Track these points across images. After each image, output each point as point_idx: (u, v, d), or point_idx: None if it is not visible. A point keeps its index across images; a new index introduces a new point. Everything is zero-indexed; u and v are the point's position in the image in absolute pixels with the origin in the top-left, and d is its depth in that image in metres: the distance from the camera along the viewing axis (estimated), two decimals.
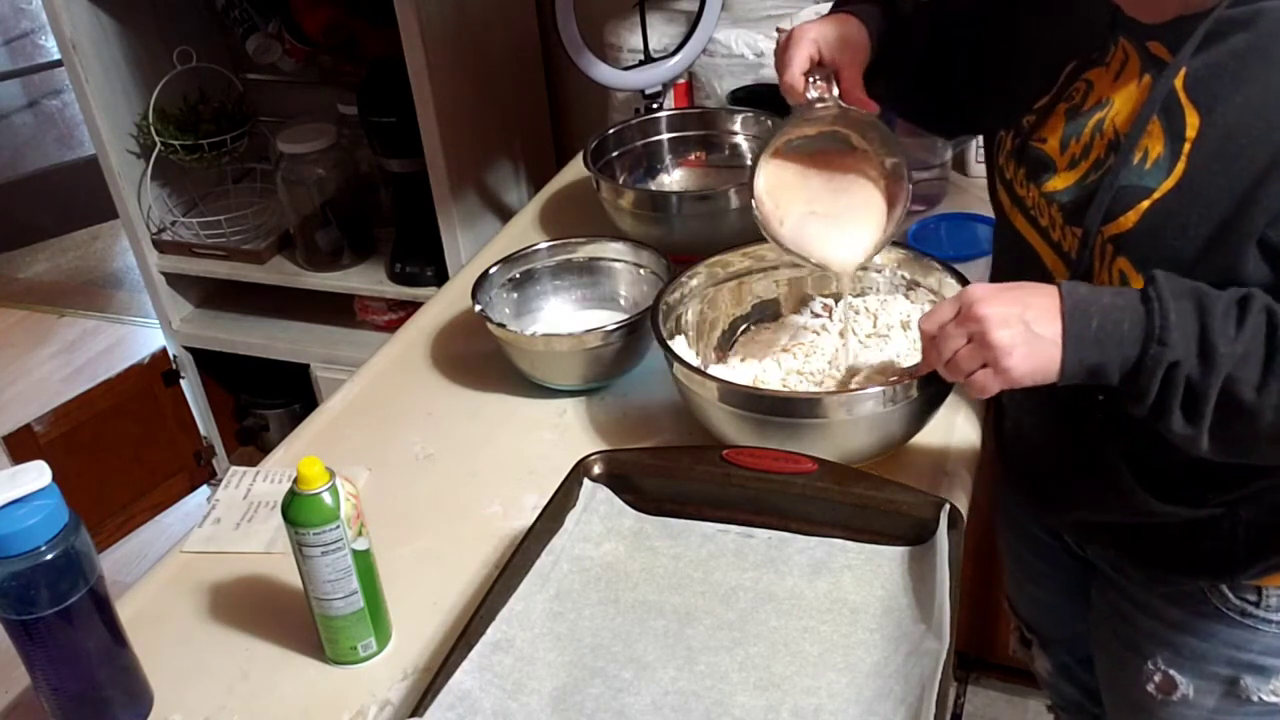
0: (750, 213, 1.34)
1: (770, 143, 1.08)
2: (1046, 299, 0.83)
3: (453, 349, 1.35)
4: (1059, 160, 0.92)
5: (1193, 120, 0.81)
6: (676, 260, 1.26)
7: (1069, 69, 0.93)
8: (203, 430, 2.46)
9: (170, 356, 2.36)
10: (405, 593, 0.98)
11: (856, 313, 1.20)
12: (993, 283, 0.89)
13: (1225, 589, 0.98)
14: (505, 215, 2.05)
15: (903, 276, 1.19)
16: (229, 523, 1.09)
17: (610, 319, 1.23)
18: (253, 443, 2.52)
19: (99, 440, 2.28)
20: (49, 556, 0.79)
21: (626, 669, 0.84)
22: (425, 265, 2.06)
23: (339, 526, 0.86)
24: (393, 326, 2.05)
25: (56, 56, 2.50)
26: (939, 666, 0.78)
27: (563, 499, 0.96)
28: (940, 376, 0.91)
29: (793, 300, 1.24)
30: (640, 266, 1.32)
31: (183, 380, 2.39)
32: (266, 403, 2.48)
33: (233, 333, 2.29)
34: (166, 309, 2.30)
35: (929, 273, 1.16)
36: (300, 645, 0.95)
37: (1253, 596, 0.98)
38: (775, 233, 1.06)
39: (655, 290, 1.21)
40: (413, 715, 0.78)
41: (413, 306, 1.91)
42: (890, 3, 1.10)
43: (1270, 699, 1.02)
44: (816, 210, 1.07)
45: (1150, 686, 1.07)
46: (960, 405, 1.16)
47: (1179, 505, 0.94)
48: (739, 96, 1.69)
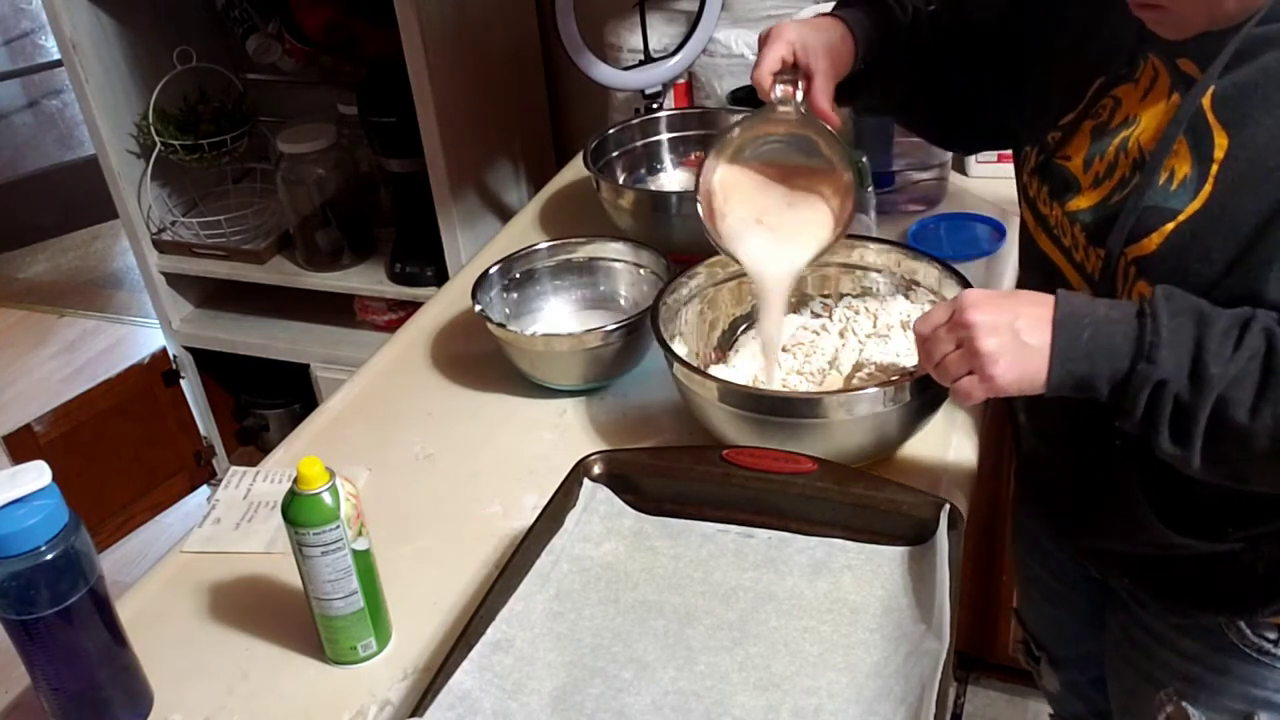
0: None
1: (726, 136, 1.08)
2: (1039, 308, 0.81)
3: (453, 349, 1.35)
4: (1083, 179, 0.89)
5: (1220, 141, 0.79)
6: (676, 260, 1.25)
7: (1097, 85, 0.90)
8: (203, 430, 2.46)
9: (170, 356, 2.36)
10: (405, 593, 0.98)
11: (856, 313, 1.20)
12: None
13: (1243, 625, 0.95)
14: (505, 215, 2.05)
15: (902, 277, 1.19)
16: (229, 523, 1.09)
17: (610, 319, 1.23)
18: (253, 443, 2.52)
19: (99, 440, 2.28)
20: (49, 556, 0.79)
21: (626, 669, 0.84)
22: (425, 265, 2.06)
23: (339, 526, 0.86)
24: (393, 326, 2.05)
25: (56, 56, 2.50)
26: (939, 666, 0.78)
27: (563, 499, 0.96)
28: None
29: (793, 300, 1.24)
30: (640, 266, 1.32)
31: (183, 380, 2.39)
32: (266, 403, 2.48)
33: (233, 333, 2.29)
34: (166, 309, 2.30)
35: (929, 273, 1.16)
36: (300, 645, 0.95)
37: (1271, 635, 0.95)
38: (713, 227, 1.07)
39: (655, 290, 1.21)
40: (413, 715, 0.78)
41: (413, 306, 1.90)
42: (887, 10, 1.08)
43: None
44: (763, 220, 1.07)
45: (1162, 717, 1.04)
46: (961, 405, 1.15)
47: (1198, 538, 0.91)
48: (739, 96, 1.69)
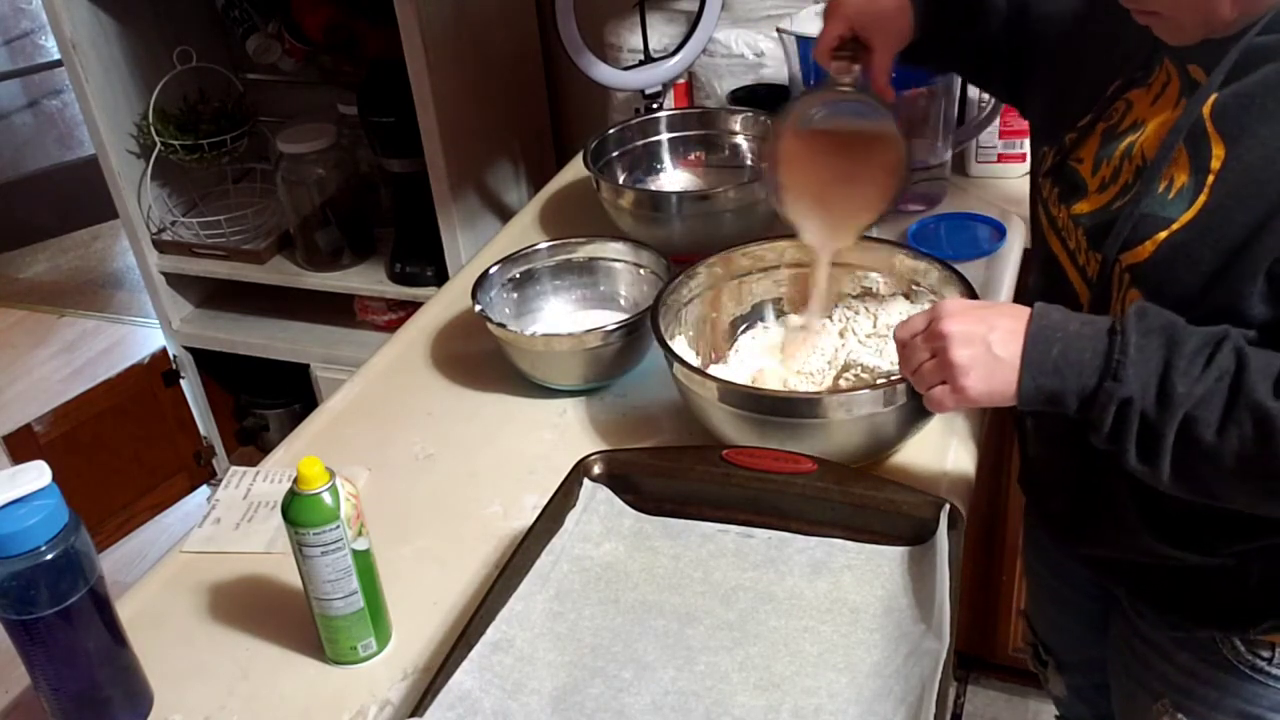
0: (750, 213, 1.36)
1: (788, 106, 1.13)
2: (1013, 321, 0.82)
3: (453, 349, 1.35)
4: (1090, 182, 0.89)
5: (1218, 152, 0.79)
6: (676, 260, 1.26)
7: (1114, 87, 0.90)
8: (203, 430, 2.46)
9: (170, 356, 2.36)
10: (405, 593, 0.98)
11: (856, 313, 1.20)
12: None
13: (1238, 642, 0.95)
14: (505, 215, 2.05)
15: (903, 277, 1.19)
16: (229, 523, 1.09)
17: (610, 319, 1.23)
18: (253, 443, 2.52)
19: (99, 440, 2.28)
20: (49, 556, 0.79)
21: (626, 669, 0.84)
22: (425, 265, 2.06)
23: (339, 526, 0.86)
24: (393, 326, 2.05)
25: (56, 56, 2.50)
26: (939, 666, 0.78)
27: (563, 499, 0.96)
28: None
29: (793, 300, 1.24)
30: (640, 266, 1.32)
31: (183, 380, 2.39)
32: (266, 403, 2.48)
33: (233, 333, 2.29)
34: (166, 309, 2.29)
35: (929, 273, 1.16)
36: (300, 645, 0.95)
37: (1266, 653, 0.95)
38: (781, 199, 1.13)
39: (655, 290, 1.21)
40: (413, 715, 0.78)
41: (413, 306, 1.90)
42: None
43: None
44: (822, 198, 1.11)
45: None
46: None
47: (1187, 551, 0.91)
48: (739, 96, 1.69)
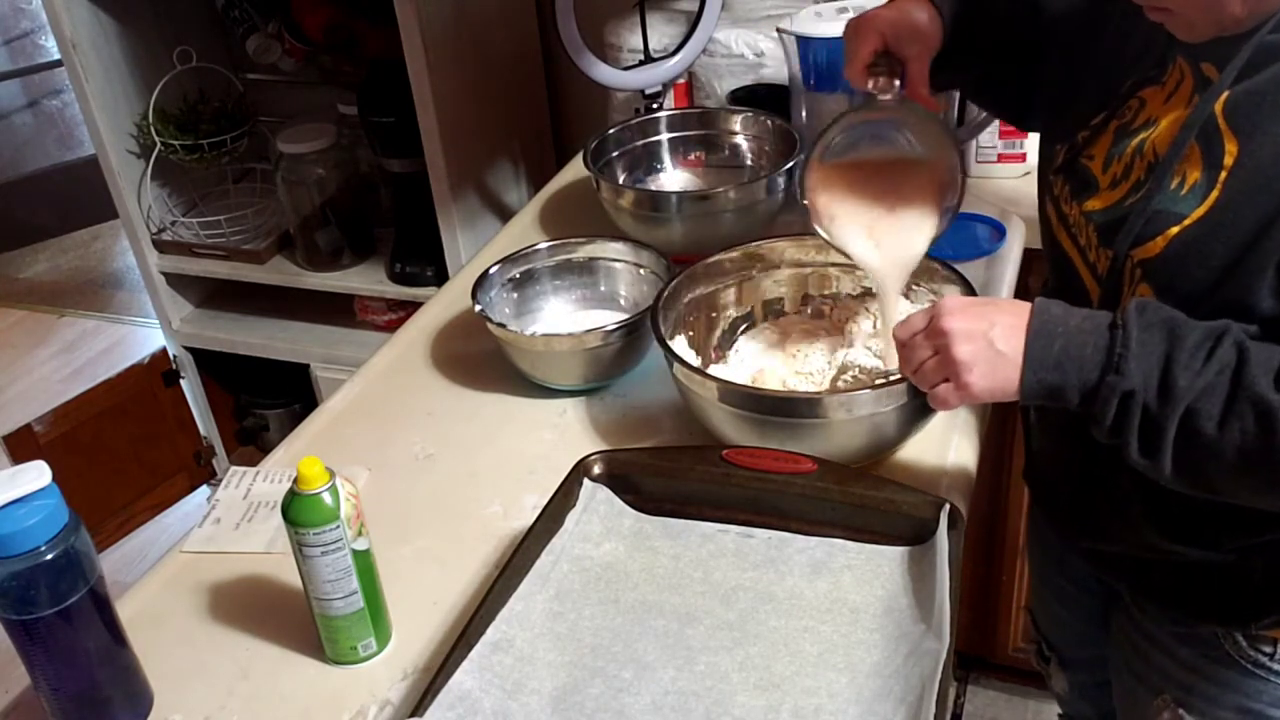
0: (750, 213, 1.36)
1: (827, 131, 1.08)
2: (1014, 316, 0.82)
3: (453, 349, 1.35)
4: (1101, 179, 0.89)
5: (1231, 148, 0.79)
6: (676, 260, 1.26)
7: (1127, 85, 0.90)
8: (203, 430, 2.46)
9: (170, 356, 2.36)
10: (405, 593, 0.98)
11: (856, 313, 1.20)
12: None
13: (1240, 637, 0.95)
14: (505, 215, 2.05)
15: None
16: (229, 523, 1.09)
17: (610, 319, 1.23)
18: (253, 443, 2.52)
19: (99, 440, 2.28)
20: (49, 556, 0.79)
21: (626, 669, 0.84)
22: (425, 265, 2.06)
23: (339, 526, 0.86)
24: (393, 326, 2.05)
25: (56, 56, 2.51)
26: (939, 666, 0.78)
27: (563, 499, 0.96)
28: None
29: (793, 300, 1.24)
30: (640, 266, 1.32)
31: (183, 380, 2.39)
32: (266, 403, 2.48)
33: (233, 333, 2.29)
34: (166, 309, 2.30)
35: (929, 273, 1.16)
36: (300, 645, 0.95)
37: (1267, 648, 0.94)
38: (822, 228, 1.08)
39: (655, 290, 1.21)
40: (413, 715, 0.78)
41: (413, 306, 1.90)
42: None
43: None
44: (873, 230, 1.07)
45: None
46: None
47: (1190, 546, 0.91)
48: (739, 96, 1.69)
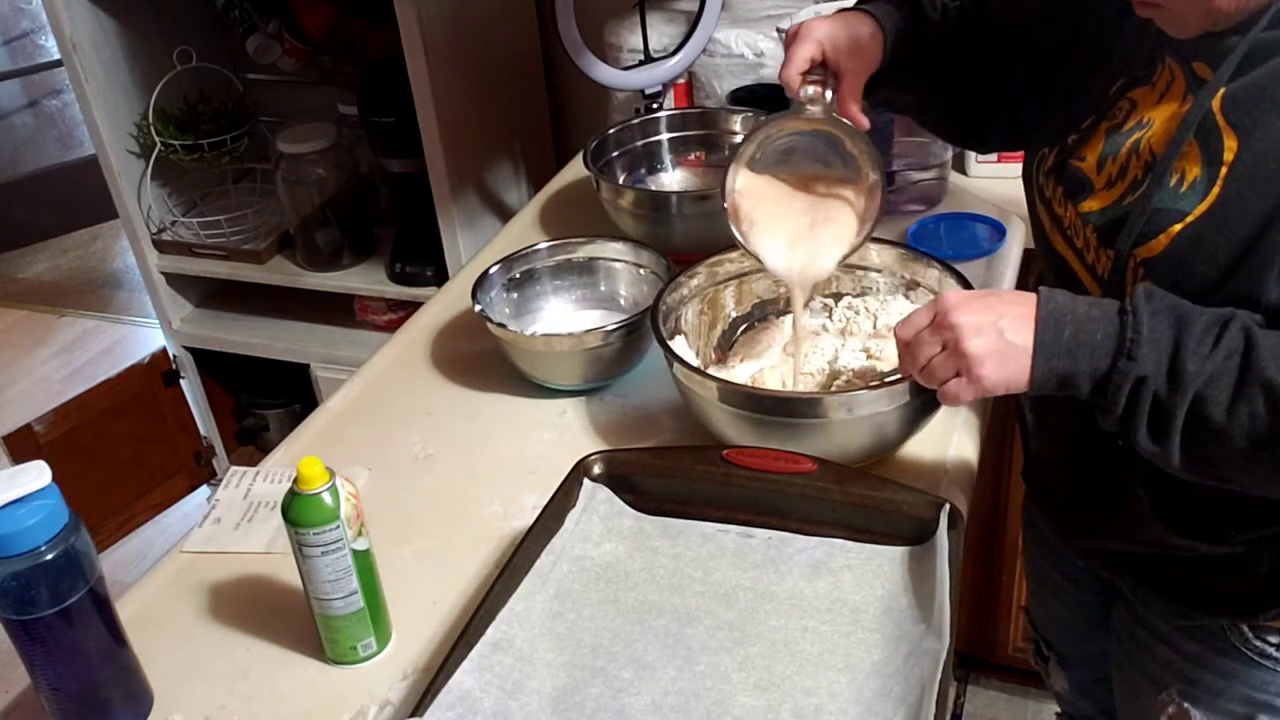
0: None
1: (750, 137, 1.08)
2: (1021, 306, 0.82)
3: (453, 349, 1.35)
4: (1095, 180, 0.89)
5: (1230, 144, 0.79)
6: (676, 260, 1.25)
7: (1115, 87, 0.90)
8: (203, 430, 2.46)
9: (170, 356, 2.36)
10: (405, 593, 0.98)
11: (856, 313, 1.20)
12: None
13: (1245, 629, 0.95)
14: (505, 215, 2.05)
15: (903, 277, 1.19)
16: (229, 523, 1.09)
17: (610, 319, 1.23)
18: (253, 443, 2.52)
19: (99, 440, 2.28)
20: (49, 556, 0.79)
21: (626, 669, 0.84)
22: (425, 265, 2.06)
23: (339, 526, 0.86)
24: (393, 326, 2.05)
25: (56, 56, 2.51)
26: (939, 666, 0.78)
27: (563, 499, 0.96)
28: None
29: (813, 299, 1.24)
30: (640, 266, 1.32)
31: (183, 380, 2.39)
32: (266, 403, 2.48)
33: (233, 333, 2.29)
34: (166, 309, 2.30)
35: (929, 273, 1.16)
36: (300, 645, 0.95)
37: (1274, 639, 0.94)
38: (741, 232, 1.08)
39: (655, 290, 1.21)
40: (413, 715, 0.78)
41: (413, 306, 1.90)
42: (917, 6, 1.06)
43: None
44: (795, 243, 1.07)
45: (1164, 717, 1.04)
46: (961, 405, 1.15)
47: (1198, 540, 0.91)
48: (739, 96, 1.69)
